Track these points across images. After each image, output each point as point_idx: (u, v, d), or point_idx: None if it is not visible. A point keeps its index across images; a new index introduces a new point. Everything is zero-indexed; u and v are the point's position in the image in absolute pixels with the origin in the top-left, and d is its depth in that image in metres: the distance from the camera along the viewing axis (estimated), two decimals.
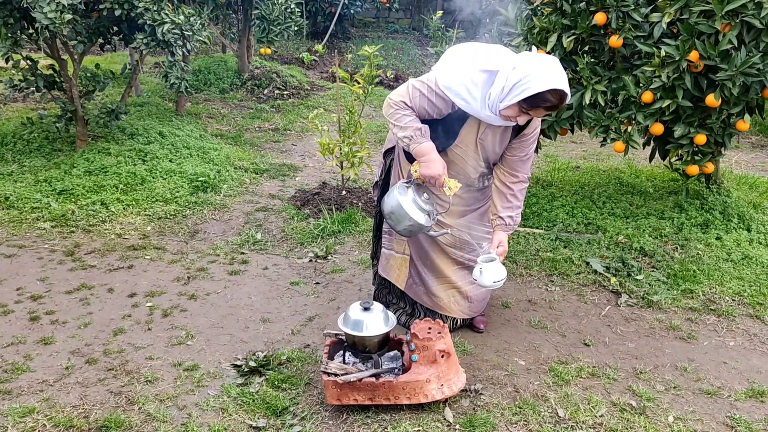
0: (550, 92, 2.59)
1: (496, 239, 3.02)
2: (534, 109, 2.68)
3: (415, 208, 2.87)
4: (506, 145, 3.01)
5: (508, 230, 3.06)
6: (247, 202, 5.19)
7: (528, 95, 2.60)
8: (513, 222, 3.06)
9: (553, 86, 2.58)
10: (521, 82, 2.60)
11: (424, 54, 11.51)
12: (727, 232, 4.49)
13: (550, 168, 5.99)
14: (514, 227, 3.08)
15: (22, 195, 4.88)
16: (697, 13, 3.82)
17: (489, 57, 2.81)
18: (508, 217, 3.04)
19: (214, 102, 8.02)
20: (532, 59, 2.65)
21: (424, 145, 2.84)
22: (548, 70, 2.60)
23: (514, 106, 2.68)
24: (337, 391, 2.71)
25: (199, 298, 3.73)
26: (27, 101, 7.39)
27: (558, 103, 2.64)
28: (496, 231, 3.05)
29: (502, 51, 2.86)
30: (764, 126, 7.59)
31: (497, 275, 2.88)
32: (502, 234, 3.03)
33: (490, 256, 2.92)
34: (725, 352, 3.34)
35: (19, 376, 2.98)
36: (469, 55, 2.87)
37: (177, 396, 2.87)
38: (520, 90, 2.61)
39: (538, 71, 2.59)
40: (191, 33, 5.32)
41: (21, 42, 5.13)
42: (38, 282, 3.85)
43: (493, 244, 3.01)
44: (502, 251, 2.98)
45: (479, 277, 2.89)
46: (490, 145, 2.99)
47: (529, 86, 2.59)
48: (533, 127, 2.96)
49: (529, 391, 2.95)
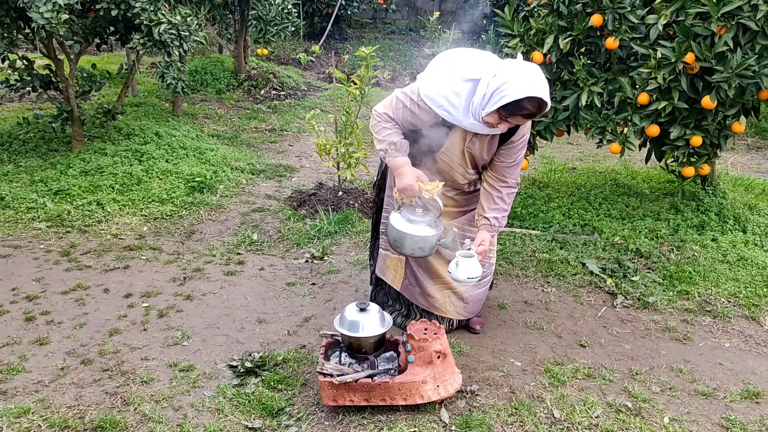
0: (527, 100, 2.57)
1: (479, 237, 2.99)
2: (512, 117, 2.67)
3: (411, 225, 2.87)
4: (494, 152, 3.01)
5: (492, 231, 3.04)
6: (243, 203, 5.19)
7: (506, 102, 2.59)
8: (498, 223, 3.05)
9: (530, 94, 2.56)
10: (499, 90, 2.59)
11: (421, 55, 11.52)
12: (723, 233, 4.50)
13: (547, 169, 6.00)
14: (499, 229, 3.07)
15: (18, 195, 4.87)
16: (693, 15, 3.83)
17: (473, 65, 2.79)
18: (493, 218, 3.03)
19: (211, 102, 8.01)
20: (512, 67, 2.63)
21: (397, 159, 2.88)
22: (526, 77, 2.58)
23: (494, 113, 2.67)
24: (333, 392, 2.71)
25: (195, 298, 3.73)
26: (23, 101, 7.37)
27: (536, 111, 2.62)
28: (480, 230, 3.04)
29: (488, 58, 2.85)
30: (760, 128, 7.62)
31: (472, 272, 2.85)
32: (485, 234, 3.01)
33: (469, 252, 2.89)
34: (721, 353, 3.34)
35: (15, 376, 2.97)
36: (452, 63, 2.85)
37: (172, 397, 2.86)
38: (499, 97, 2.60)
39: (516, 79, 2.57)
40: (188, 33, 5.31)
41: (17, 42, 5.12)
42: (33, 282, 3.84)
43: (475, 241, 2.98)
44: (483, 250, 2.95)
45: (454, 270, 2.87)
46: (478, 153, 3.00)
47: (507, 93, 2.57)
48: (521, 134, 2.95)
49: (525, 392, 2.96)
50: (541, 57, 4.29)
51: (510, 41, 4.44)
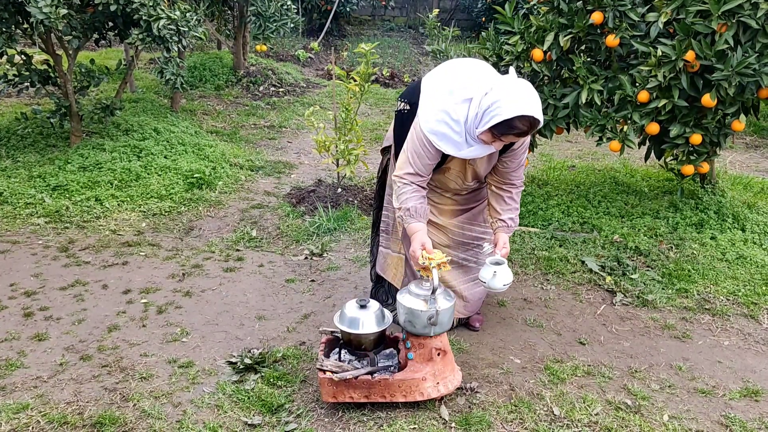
0: (519, 119, 2.54)
1: (501, 241, 3.01)
2: (504, 136, 2.64)
3: (418, 300, 2.73)
4: (496, 161, 3.01)
5: (508, 231, 3.06)
6: (242, 199, 5.18)
7: (497, 122, 2.55)
8: (513, 223, 3.07)
9: (522, 113, 2.51)
10: (490, 109, 2.56)
11: (420, 52, 11.51)
12: (722, 231, 4.50)
13: (546, 167, 6.00)
14: (514, 228, 3.09)
15: (16, 190, 4.86)
16: (694, 13, 3.82)
17: (466, 83, 2.72)
18: (509, 219, 3.05)
19: (210, 99, 7.99)
20: (503, 84, 2.59)
21: (412, 225, 2.86)
22: (517, 96, 2.54)
23: (487, 132, 2.64)
24: (332, 389, 2.71)
25: (194, 294, 3.72)
26: (21, 96, 7.35)
27: (528, 129, 2.59)
28: (498, 232, 3.06)
29: (479, 71, 2.77)
30: (758, 126, 7.62)
31: (507, 278, 2.87)
32: (504, 235, 3.03)
33: (496, 258, 2.90)
34: (720, 351, 3.35)
35: (13, 372, 2.96)
36: (445, 85, 2.77)
37: (172, 393, 2.86)
38: (490, 117, 2.57)
39: (507, 97, 2.54)
40: (187, 29, 5.29)
41: (15, 37, 5.10)
42: (32, 278, 3.83)
43: (498, 245, 2.99)
44: (506, 252, 2.98)
45: (491, 280, 2.85)
46: (480, 168, 3.02)
47: (498, 113, 2.54)
48: (521, 140, 2.92)
49: (524, 389, 2.96)
50: (541, 54, 4.28)
51: (510, 38, 4.43)
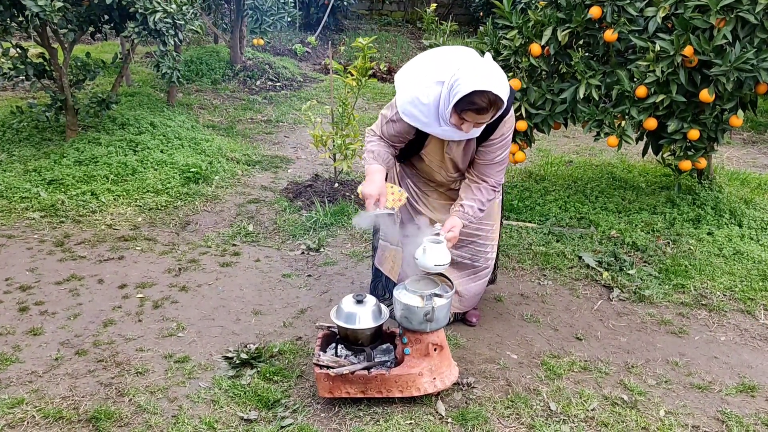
0: (477, 94, 2.50)
1: (449, 223, 2.91)
2: (465, 113, 2.60)
3: (414, 296, 2.74)
4: (474, 151, 2.99)
5: (464, 218, 2.96)
6: (239, 194, 5.16)
7: (458, 99, 2.54)
8: (472, 212, 2.97)
9: (478, 87, 2.48)
10: (453, 87, 2.55)
11: (418, 47, 11.48)
12: (719, 227, 4.50)
13: (543, 162, 5.99)
14: (471, 218, 2.98)
15: (11, 184, 4.83)
16: (692, 8, 3.81)
17: (441, 66, 2.69)
18: (468, 206, 2.96)
19: (206, 93, 7.96)
20: (469, 64, 2.57)
21: (370, 166, 2.92)
22: (477, 72, 2.52)
23: (454, 113, 2.62)
24: (329, 384, 2.70)
25: (190, 289, 3.71)
26: (16, 90, 7.31)
27: (488, 105, 2.55)
28: (451, 215, 2.97)
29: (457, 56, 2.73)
30: (756, 122, 7.62)
31: (440, 259, 2.72)
32: (456, 220, 2.93)
33: (438, 238, 2.78)
34: (716, 346, 3.35)
35: (8, 366, 2.95)
36: (423, 67, 2.76)
37: (168, 388, 2.85)
38: (453, 95, 2.55)
39: (468, 74, 2.52)
40: (183, 22, 5.27)
41: (11, 30, 5.07)
42: (27, 272, 3.81)
43: (445, 227, 2.89)
44: (452, 237, 2.86)
45: (421, 257, 2.74)
46: (458, 157, 3.00)
47: (459, 90, 2.52)
48: (500, 132, 2.88)
49: (521, 384, 2.95)
50: (539, 49, 4.27)
51: (508, 33, 4.42)
